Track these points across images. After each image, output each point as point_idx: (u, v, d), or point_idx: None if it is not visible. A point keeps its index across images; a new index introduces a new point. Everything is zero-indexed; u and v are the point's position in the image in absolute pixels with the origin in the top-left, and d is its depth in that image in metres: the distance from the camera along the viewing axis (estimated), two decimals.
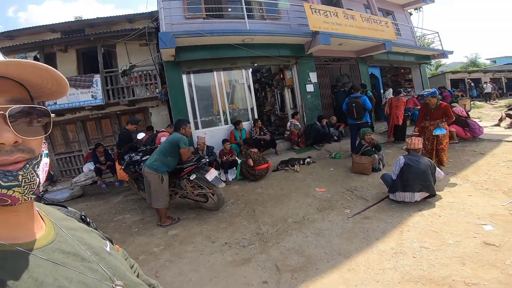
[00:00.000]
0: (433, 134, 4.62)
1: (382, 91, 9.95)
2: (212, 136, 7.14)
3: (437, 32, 11.47)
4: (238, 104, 7.74)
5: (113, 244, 0.72)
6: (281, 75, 8.65)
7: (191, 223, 4.16)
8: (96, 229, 0.72)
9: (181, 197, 4.53)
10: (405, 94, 10.91)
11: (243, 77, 7.73)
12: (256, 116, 7.71)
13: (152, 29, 7.97)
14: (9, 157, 0.44)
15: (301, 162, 6.19)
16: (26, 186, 0.46)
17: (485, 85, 15.80)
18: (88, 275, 0.51)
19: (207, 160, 5.72)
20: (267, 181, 5.59)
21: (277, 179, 5.65)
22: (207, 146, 6.21)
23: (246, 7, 7.26)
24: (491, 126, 7.94)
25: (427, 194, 3.63)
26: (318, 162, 6.38)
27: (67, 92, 0.54)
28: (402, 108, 7.56)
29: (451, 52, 11.13)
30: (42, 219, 0.56)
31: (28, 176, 0.46)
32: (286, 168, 6.05)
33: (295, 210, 4.18)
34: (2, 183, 0.43)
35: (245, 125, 7.47)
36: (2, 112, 0.44)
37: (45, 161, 0.52)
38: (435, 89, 4.87)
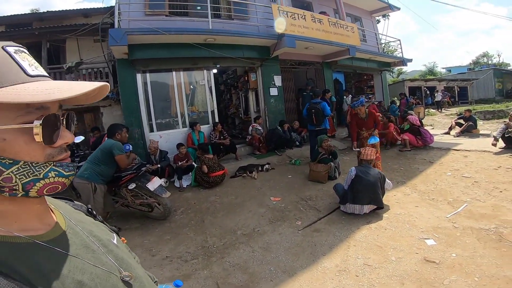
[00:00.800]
0: (368, 143, 4.66)
1: (345, 97, 10.12)
2: (169, 139, 6.74)
3: (399, 40, 11.94)
4: (198, 106, 7.38)
5: (119, 236, 0.72)
6: (246, 77, 8.44)
7: (133, 233, 3.83)
8: (103, 222, 0.73)
9: (123, 206, 4.16)
10: (367, 100, 11.24)
11: (205, 78, 7.39)
12: (217, 119, 7.41)
13: (108, 25, 7.38)
14: (67, 153, 0.53)
15: (260, 168, 6.01)
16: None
17: (436, 93, 16.84)
18: (99, 266, 0.52)
19: (159, 166, 5.40)
20: (222, 189, 5.34)
21: (233, 186, 5.42)
22: (160, 150, 5.82)
23: (213, 6, 7.00)
24: (441, 134, 8.35)
25: (375, 207, 3.59)
26: (277, 168, 6.24)
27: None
28: None
29: (410, 60, 11.63)
30: (52, 212, 0.57)
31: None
32: (244, 174, 5.84)
33: (247, 221, 3.99)
34: (65, 173, 0.51)
35: (205, 128, 7.16)
36: (62, 118, 0.52)
37: None
38: (363, 98, 4.95)
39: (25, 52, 0.49)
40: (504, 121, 5.93)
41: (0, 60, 0.45)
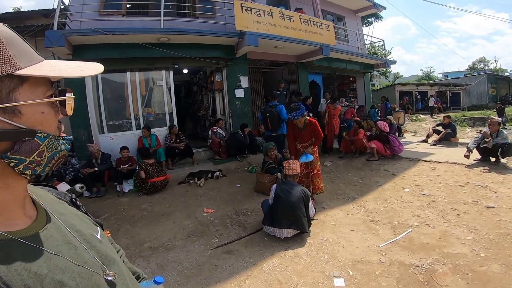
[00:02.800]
0: (300, 161, 3.88)
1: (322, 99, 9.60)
2: (120, 141, 6.32)
3: (383, 40, 11.39)
4: (155, 108, 6.95)
5: (103, 229, 0.69)
6: (212, 78, 7.98)
7: None
8: (86, 213, 0.68)
9: None
10: (348, 104, 10.73)
11: (163, 78, 6.95)
12: (175, 122, 6.96)
13: (61, 26, 7.06)
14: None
15: (210, 175, 5.56)
16: None
17: (429, 99, 16.08)
18: (81, 265, 0.49)
19: (96, 169, 5.00)
20: (161, 196, 4.95)
21: (174, 194, 5.00)
22: (102, 153, 5.42)
23: (176, 5, 6.66)
24: (418, 142, 7.80)
25: (297, 231, 3.09)
26: (230, 176, 5.77)
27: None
28: (337, 117, 7.25)
29: (394, 62, 11.05)
30: (33, 203, 0.53)
31: None
32: (192, 181, 5.40)
33: (164, 233, 3.61)
34: (68, 145, 0.52)
35: (163, 131, 6.73)
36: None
37: None
38: (304, 109, 4.09)
39: None
40: (480, 131, 5.38)
41: (17, 40, 0.45)
